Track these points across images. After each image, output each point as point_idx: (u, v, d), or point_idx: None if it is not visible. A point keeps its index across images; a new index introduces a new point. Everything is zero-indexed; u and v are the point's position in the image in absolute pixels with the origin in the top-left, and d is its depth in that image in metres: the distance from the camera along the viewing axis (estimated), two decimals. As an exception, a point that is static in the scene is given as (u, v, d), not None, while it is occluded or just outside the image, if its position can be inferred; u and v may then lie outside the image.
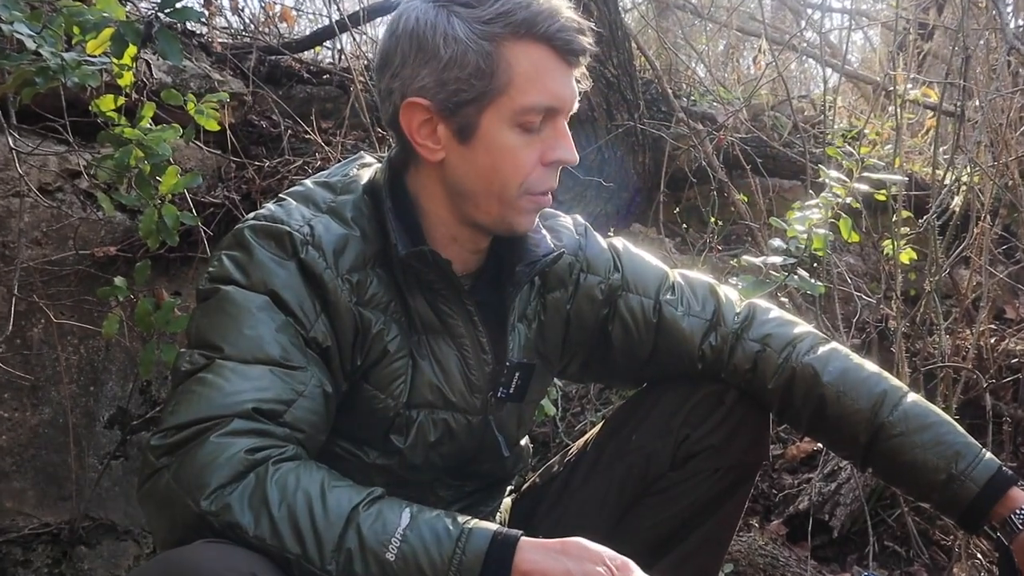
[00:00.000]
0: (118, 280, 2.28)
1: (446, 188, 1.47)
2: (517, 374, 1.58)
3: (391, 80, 1.43)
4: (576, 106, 1.46)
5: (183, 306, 2.47)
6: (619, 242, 1.76)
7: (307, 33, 4.66)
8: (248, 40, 4.22)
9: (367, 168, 1.56)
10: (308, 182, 1.52)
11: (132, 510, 2.98)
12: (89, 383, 3.01)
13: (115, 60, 1.97)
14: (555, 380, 2.48)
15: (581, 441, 1.85)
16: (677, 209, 3.78)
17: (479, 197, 1.44)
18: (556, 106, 1.40)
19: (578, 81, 1.45)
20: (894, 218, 2.99)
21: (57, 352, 2.89)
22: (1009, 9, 3.69)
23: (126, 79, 2.07)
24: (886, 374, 1.67)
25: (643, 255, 1.76)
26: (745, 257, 2.75)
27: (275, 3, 4.49)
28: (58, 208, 2.97)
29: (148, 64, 2.11)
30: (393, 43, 1.42)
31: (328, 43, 4.44)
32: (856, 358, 1.69)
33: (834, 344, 1.71)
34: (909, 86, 3.33)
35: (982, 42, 3.49)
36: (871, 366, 1.68)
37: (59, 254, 2.96)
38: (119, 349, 3.00)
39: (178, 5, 1.95)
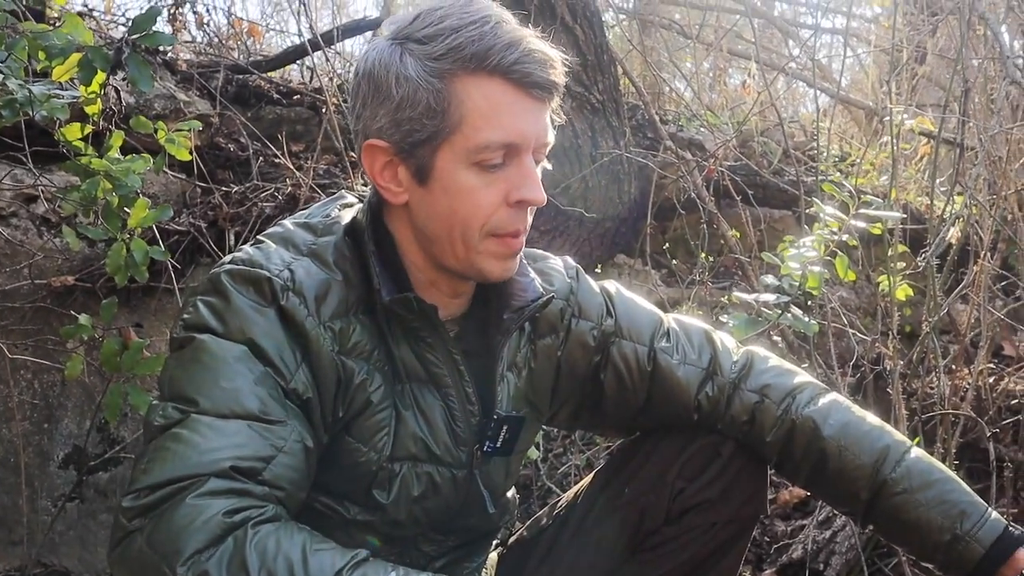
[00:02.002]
0: (83, 318, 2.26)
1: (414, 232, 1.48)
2: (505, 427, 1.58)
3: (356, 121, 1.46)
4: (550, 141, 1.45)
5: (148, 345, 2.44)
6: (611, 286, 1.77)
7: (276, 51, 4.67)
8: (215, 58, 4.21)
9: (348, 208, 1.56)
10: (287, 223, 1.52)
11: (88, 556, 2.94)
12: (43, 420, 2.97)
13: (83, 87, 1.96)
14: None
15: (571, 493, 1.85)
16: (667, 245, 3.80)
17: (443, 241, 1.45)
18: (516, 142, 1.40)
19: (555, 113, 1.45)
20: (889, 252, 3.02)
21: (9, 387, 2.85)
22: (1005, 34, 3.75)
23: (94, 108, 2.06)
24: (888, 427, 1.69)
25: (636, 299, 1.77)
26: (736, 293, 2.76)
27: (242, 20, 4.48)
28: (13, 234, 2.94)
29: (117, 91, 2.10)
30: (356, 84, 1.44)
31: (299, 62, 4.44)
32: (857, 410, 1.70)
33: (834, 395, 1.72)
34: (905, 115, 3.37)
35: (980, 66, 3.54)
36: (873, 419, 1.70)
37: (13, 283, 2.93)
38: (76, 384, 2.97)
39: (151, 30, 1.94)
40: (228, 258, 1.45)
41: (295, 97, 4.15)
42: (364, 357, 1.45)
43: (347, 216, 1.52)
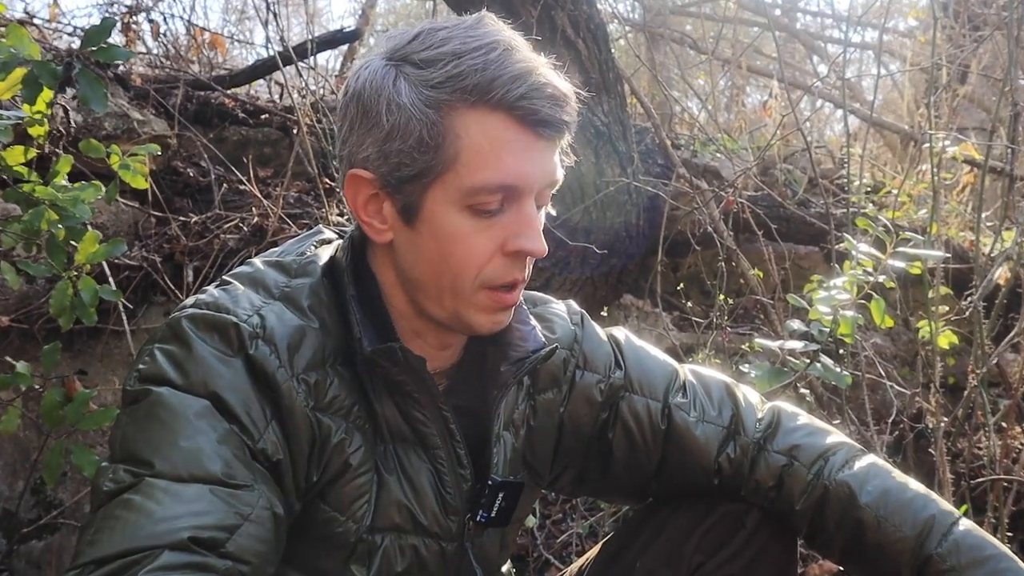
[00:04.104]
0: (20, 366, 2.24)
1: (398, 275, 1.48)
2: (501, 494, 1.57)
3: (341, 146, 1.46)
4: (557, 182, 1.45)
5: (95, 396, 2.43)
6: (620, 333, 1.77)
7: (242, 64, 4.70)
8: (172, 72, 4.23)
9: (326, 245, 1.56)
10: (257, 262, 1.52)
11: (19, 636, 2.91)
12: (-30, 481, 2.96)
13: (27, 106, 1.96)
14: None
15: (574, 567, 1.85)
16: (680, 284, 3.81)
17: (429, 288, 1.45)
18: (516, 185, 1.39)
19: (564, 153, 1.45)
20: (930, 294, 3.04)
21: (-68, 443, 2.84)
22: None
23: (39, 130, 2.06)
24: (934, 495, 1.68)
25: (648, 348, 1.77)
26: (758, 340, 2.77)
27: (204, 30, 4.51)
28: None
29: (65, 110, 2.09)
30: (344, 105, 1.45)
31: (267, 77, 4.47)
32: (898, 475, 1.70)
33: (872, 458, 1.71)
34: (946, 141, 3.39)
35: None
36: (916, 485, 1.69)
37: (-60, 324, 2.92)
38: (8, 440, 2.95)
39: (105, 43, 1.95)
40: (190, 301, 1.44)
41: (263, 116, 4.17)
42: (342, 414, 1.44)
43: (325, 254, 1.53)
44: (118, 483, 1.28)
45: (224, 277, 1.50)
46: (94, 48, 1.91)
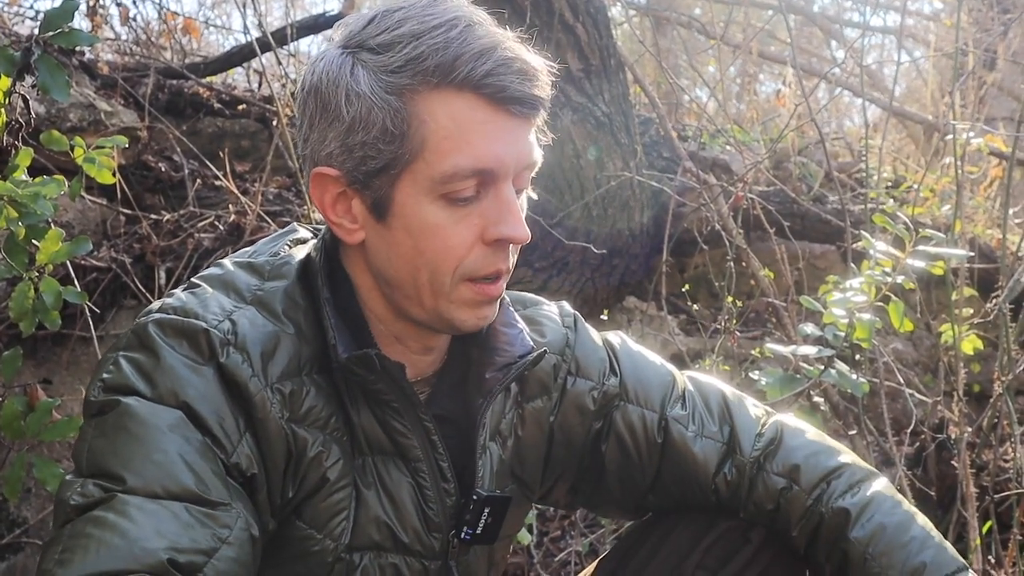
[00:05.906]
0: (-23, 373, 2.25)
1: (374, 275, 1.49)
2: (487, 509, 1.57)
3: (303, 145, 1.47)
4: (536, 163, 1.46)
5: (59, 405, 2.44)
6: (615, 337, 1.78)
7: (218, 51, 4.71)
8: (143, 60, 4.25)
9: (301, 245, 1.57)
10: (228, 263, 1.53)
11: (-21, 664, 2.92)
12: (-75, 497, 2.96)
13: (-17, 97, 1.97)
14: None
15: (568, 587, 1.86)
16: (686, 286, 3.82)
17: (407, 287, 1.45)
18: (490, 168, 1.39)
19: (540, 131, 1.46)
20: (954, 296, 3.05)
21: None
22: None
23: (-4, 121, 2.07)
24: (939, 538, 1.63)
25: (645, 354, 1.78)
26: (770, 345, 2.78)
27: (176, 14, 4.52)
28: None
29: (25, 100, 2.10)
30: (302, 101, 1.45)
31: (245, 65, 4.48)
32: (904, 509, 1.66)
33: (881, 485, 1.69)
34: (971, 132, 3.40)
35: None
36: (922, 523, 1.65)
37: None
38: (-35, 454, 2.96)
39: (66, 26, 1.96)
40: (155, 305, 1.45)
41: (240, 107, 4.18)
42: (319, 426, 1.45)
43: (300, 254, 1.53)
44: (87, 498, 1.28)
45: (193, 280, 1.50)
46: (54, 32, 1.92)
